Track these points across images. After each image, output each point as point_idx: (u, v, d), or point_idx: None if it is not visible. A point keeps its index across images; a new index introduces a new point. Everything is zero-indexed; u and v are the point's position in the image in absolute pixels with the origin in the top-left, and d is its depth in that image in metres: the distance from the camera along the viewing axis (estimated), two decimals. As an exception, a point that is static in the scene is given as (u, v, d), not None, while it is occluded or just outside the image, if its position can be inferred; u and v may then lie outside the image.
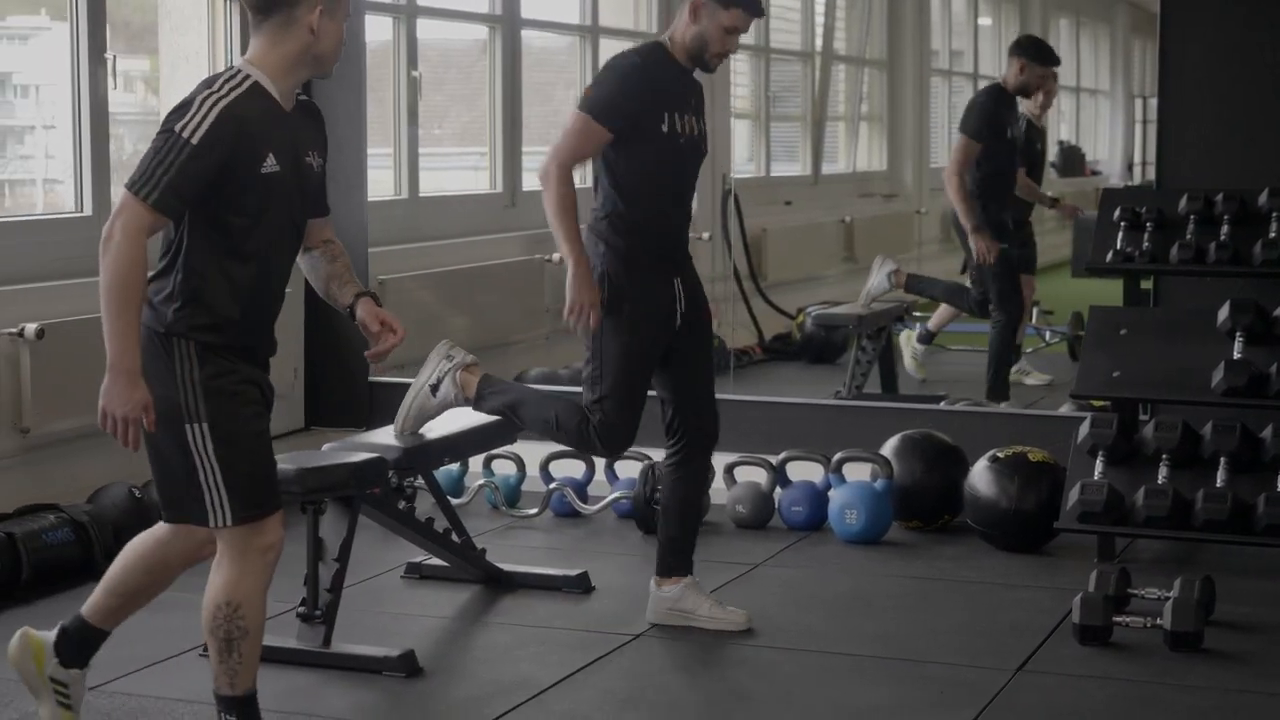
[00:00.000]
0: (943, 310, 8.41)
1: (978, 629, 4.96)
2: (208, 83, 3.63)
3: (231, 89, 3.60)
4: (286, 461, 4.58)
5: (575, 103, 4.80)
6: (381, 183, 7.81)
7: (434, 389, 5.01)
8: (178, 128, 3.53)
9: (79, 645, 3.99)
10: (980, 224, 7.60)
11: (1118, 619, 4.80)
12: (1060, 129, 15.29)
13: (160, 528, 3.88)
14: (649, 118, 4.74)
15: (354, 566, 4.90)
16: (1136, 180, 17.65)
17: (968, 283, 7.90)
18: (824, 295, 11.28)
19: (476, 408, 5.03)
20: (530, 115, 9.37)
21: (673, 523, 4.97)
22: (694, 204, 4.99)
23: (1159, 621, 4.75)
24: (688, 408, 4.90)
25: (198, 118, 3.54)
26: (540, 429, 4.95)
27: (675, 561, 4.99)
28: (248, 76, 3.65)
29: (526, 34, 9.01)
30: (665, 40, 4.85)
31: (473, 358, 5.05)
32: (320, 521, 4.63)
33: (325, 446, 4.95)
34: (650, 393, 4.91)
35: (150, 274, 3.64)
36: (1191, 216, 5.93)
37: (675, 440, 4.92)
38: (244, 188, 3.60)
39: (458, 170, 9.24)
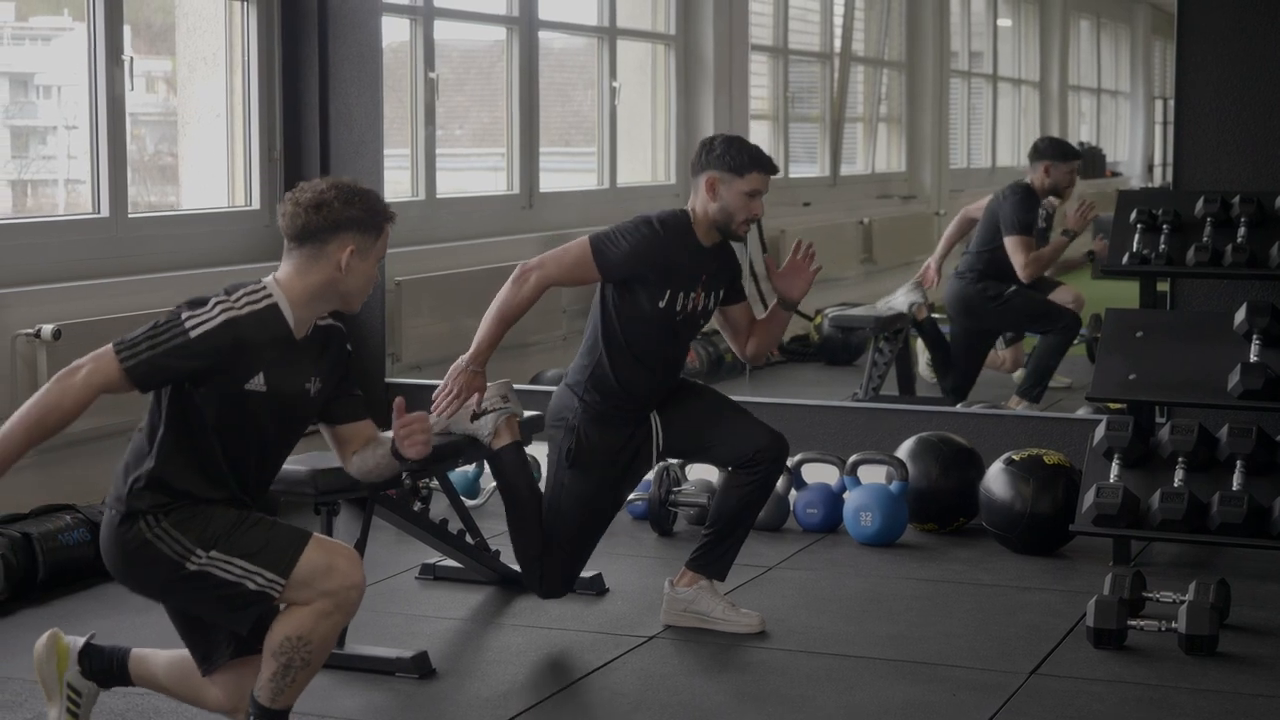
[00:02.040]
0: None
1: (992, 632, 4.96)
2: (230, 289, 3.67)
3: (248, 304, 3.65)
4: (299, 463, 4.59)
5: (589, 233, 4.84)
6: (398, 184, 7.82)
7: (475, 415, 5.01)
8: (184, 316, 3.59)
9: (104, 669, 3.98)
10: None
11: (1132, 622, 4.79)
12: (1081, 130, 15.27)
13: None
14: (649, 291, 4.78)
15: (368, 567, 4.86)
16: (1157, 181, 17.60)
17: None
18: (842, 297, 11.26)
19: (490, 462, 5.06)
20: (550, 116, 9.38)
21: (724, 524, 4.94)
22: (686, 363, 5.07)
23: (1174, 625, 4.74)
24: (741, 441, 4.89)
25: (205, 318, 3.59)
26: (513, 530, 5.00)
27: (713, 566, 4.96)
28: (269, 296, 3.68)
29: (546, 35, 9.02)
30: (690, 211, 4.87)
31: (522, 412, 5.08)
32: (334, 523, 4.63)
33: (338, 448, 4.94)
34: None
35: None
36: (1208, 219, 5.91)
37: (745, 468, 4.92)
38: (222, 397, 3.64)
39: (479, 171, 9.25)
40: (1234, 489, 5.44)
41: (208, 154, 7.04)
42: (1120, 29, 19.61)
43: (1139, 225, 5.98)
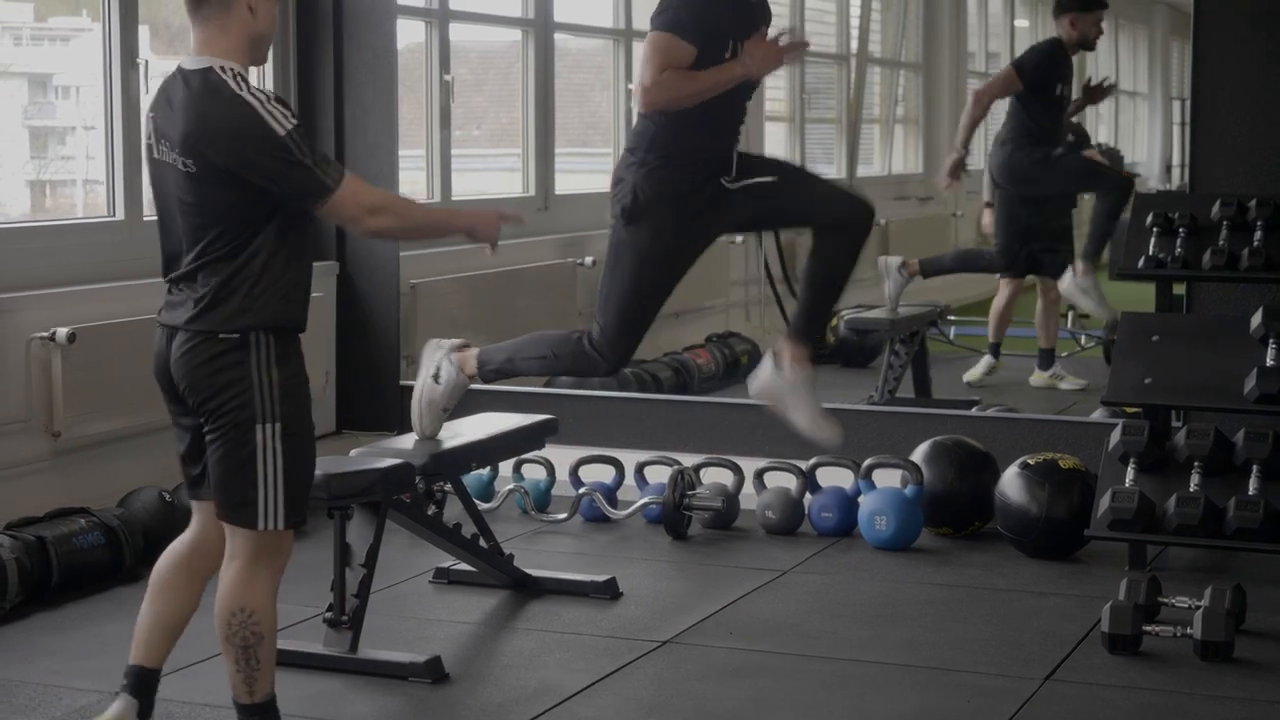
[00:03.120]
0: (994, 321, 8.40)
1: (1006, 637, 4.94)
2: (230, 85, 3.56)
3: (259, 89, 3.61)
4: (313, 467, 4.59)
5: (651, 25, 4.77)
6: (414, 185, 7.82)
7: (435, 377, 5.02)
8: (279, 131, 3.53)
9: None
10: (962, 155, 8.06)
11: (1147, 628, 4.77)
12: (1099, 131, 15.20)
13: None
14: (716, 40, 4.73)
15: (382, 571, 4.91)
16: (1175, 183, 17.58)
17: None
18: (858, 299, 11.24)
19: (484, 379, 5.07)
20: (567, 117, 9.37)
21: (812, 287, 4.90)
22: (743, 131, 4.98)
23: (1189, 631, 4.72)
24: (824, 208, 4.85)
25: (279, 109, 3.56)
26: (542, 368, 4.99)
27: (808, 326, 4.92)
28: (239, 73, 3.62)
29: (562, 36, 9.01)
30: None
31: (462, 339, 5.06)
32: (347, 527, 4.63)
33: (353, 452, 4.96)
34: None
35: (189, 275, 3.66)
36: (1224, 222, 5.88)
37: (831, 231, 4.88)
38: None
39: (496, 172, 9.25)
40: (1250, 493, 5.42)
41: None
42: (1138, 29, 19.57)
43: (1155, 229, 5.95)
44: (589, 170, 9.85)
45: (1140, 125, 15.08)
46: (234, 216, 3.62)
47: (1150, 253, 5.92)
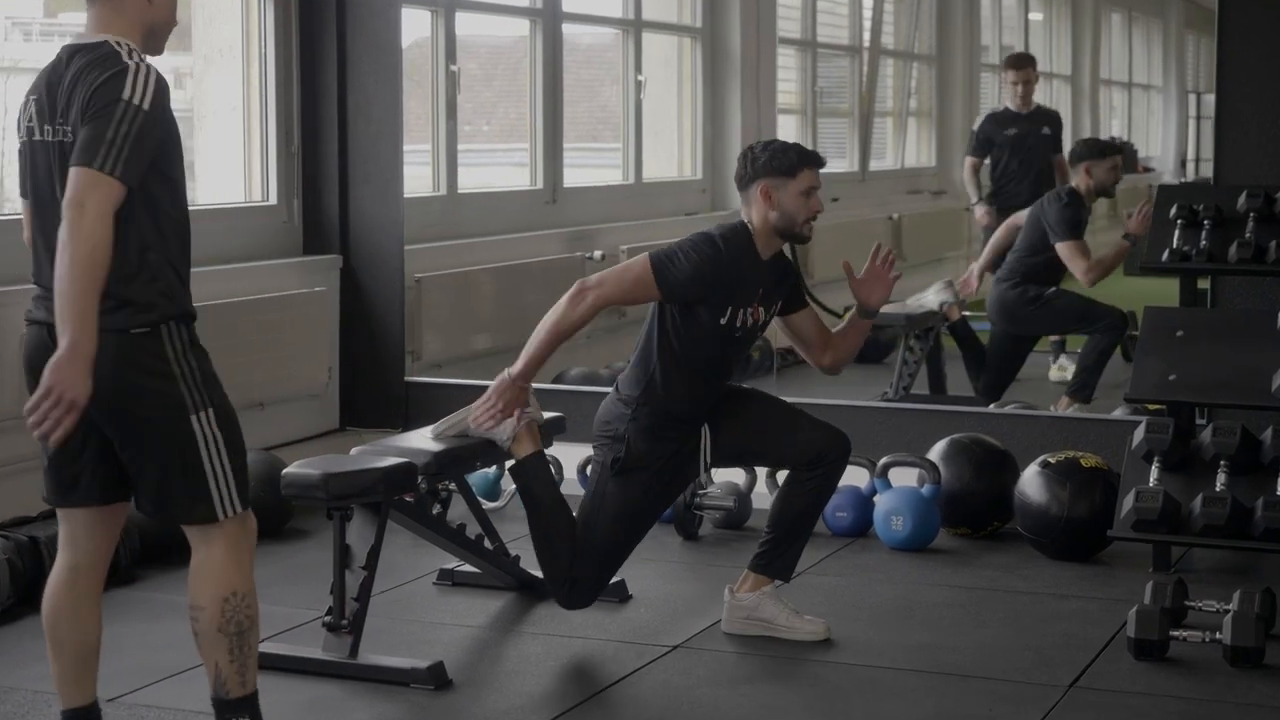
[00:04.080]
0: None
1: (1028, 642, 4.79)
2: (117, 57, 3.41)
3: (153, 74, 3.44)
4: (312, 466, 4.45)
5: (648, 252, 4.67)
6: (420, 179, 7.69)
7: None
8: (125, 93, 3.36)
9: None
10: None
11: (1174, 633, 4.61)
12: (1112, 125, 15.05)
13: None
14: (711, 309, 4.64)
15: (385, 572, 4.77)
16: (1190, 177, 17.45)
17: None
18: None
19: (512, 471, 4.91)
20: (577, 112, 9.24)
21: (787, 525, 4.79)
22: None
23: (1218, 636, 4.56)
24: (802, 445, 4.76)
25: (147, 86, 3.39)
26: (537, 540, 4.83)
27: (777, 566, 4.81)
28: (133, 47, 3.47)
29: (572, 30, 8.87)
30: (748, 223, 4.71)
31: (541, 417, 4.93)
32: (347, 528, 4.49)
33: (354, 450, 4.81)
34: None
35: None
36: (1251, 214, 5.73)
37: (808, 468, 4.79)
38: (172, 151, 3.51)
39: (505, 166, 9.12)
40: (1278, 493, 5.26)
41: (224, 148, 6.89)
42: (1152, 23, 19.43)
43: (1179, 221, 5.80)
44: (598, 165, 9.73)
45: (1154, 119, 14.93)
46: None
47: (1174, 245, 5.76)
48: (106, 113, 3.35)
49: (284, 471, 4.47)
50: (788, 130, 11.10)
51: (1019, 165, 8.66)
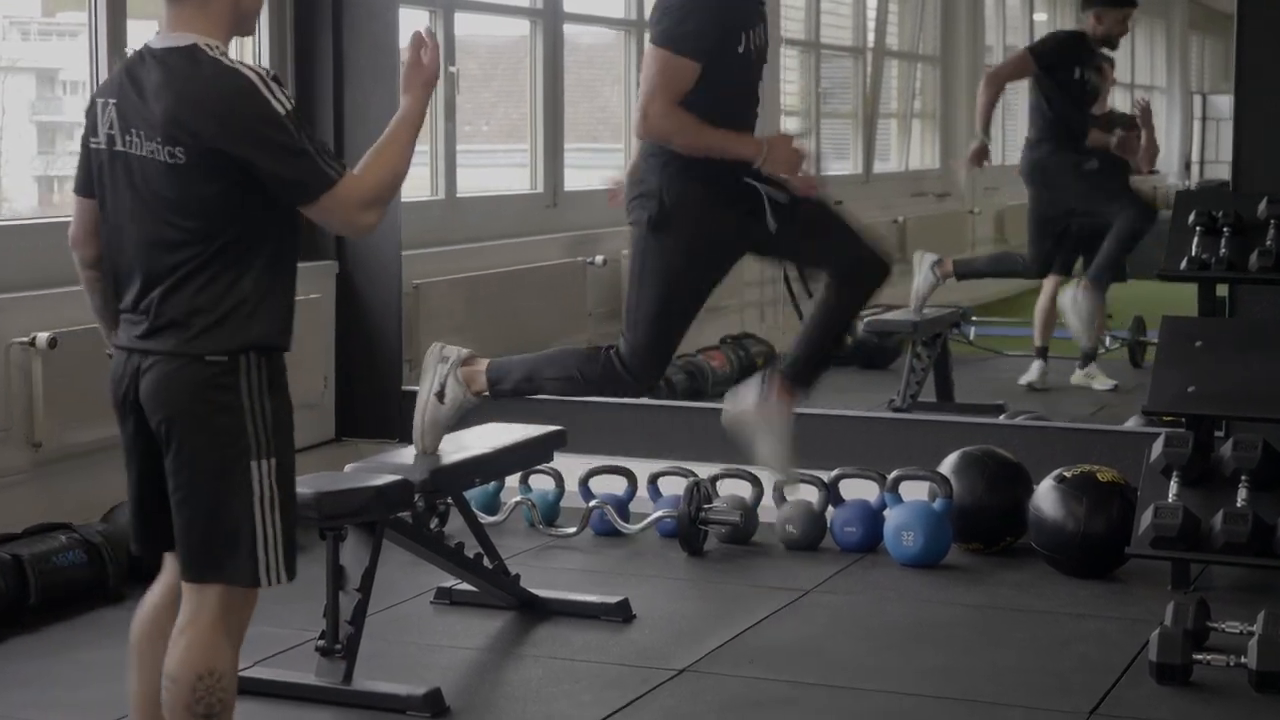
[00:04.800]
0: (1039, 321, 8.12)
1: (1045, 665, 4.63)
2: (229, 69, 3.15)
3: (239, 62, 3.21)
4: (304, 485, 4.28)
5: (650, 36, 4.48)
6: (418, 181, 7.53)
7: (440, 396, 4.71)
8: (278, 109, 3.13)
9: None
10: (984, 141, 7.86)
11: (1197, 656, 4.45)
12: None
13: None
14: (729, 41, 4.44)
15: (381, 590, 4.61)
16: (1195, 179, 17.32)
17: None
18: (877, 298, 10.97)
19: (495, 396, 4.72)
20: (578, 112, 9.08)
21: (815, 329, 4.65)
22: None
23: (1243, 660, 4.40)
24: (841, 258, 4.59)
25: (277, 87, 3.16)
26: (566, 389, 4.66)
27: (804, 368, 4.66)
28: (222, 50, 3.22)
29: (573, 30, 8.71)
30: None
31: (468, 350, 4.75)
32: (341, 548, 4.33)
33: (348, 467, 4.64)
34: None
35: (166, 287, 3.22)
36: (1272, 221, 5.57)
37: (843, 278, 4.63)
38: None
39: (505, 168, 8.96)
40: (1301, 509, 5.11)
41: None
42: (1156, 23, 19.31)
43: (1198, 228, 5.64)
44: (600, 166, 9.58)
45: (1158, 120, 14.72)
46: (223, 215, 3.17)
47: (1193, 253, 5.60)
48: (283, 137, 3.14)
49: (275, 491, 4.30)
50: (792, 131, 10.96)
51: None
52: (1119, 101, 16.34)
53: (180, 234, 3.20)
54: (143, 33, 6.33)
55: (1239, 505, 5.15)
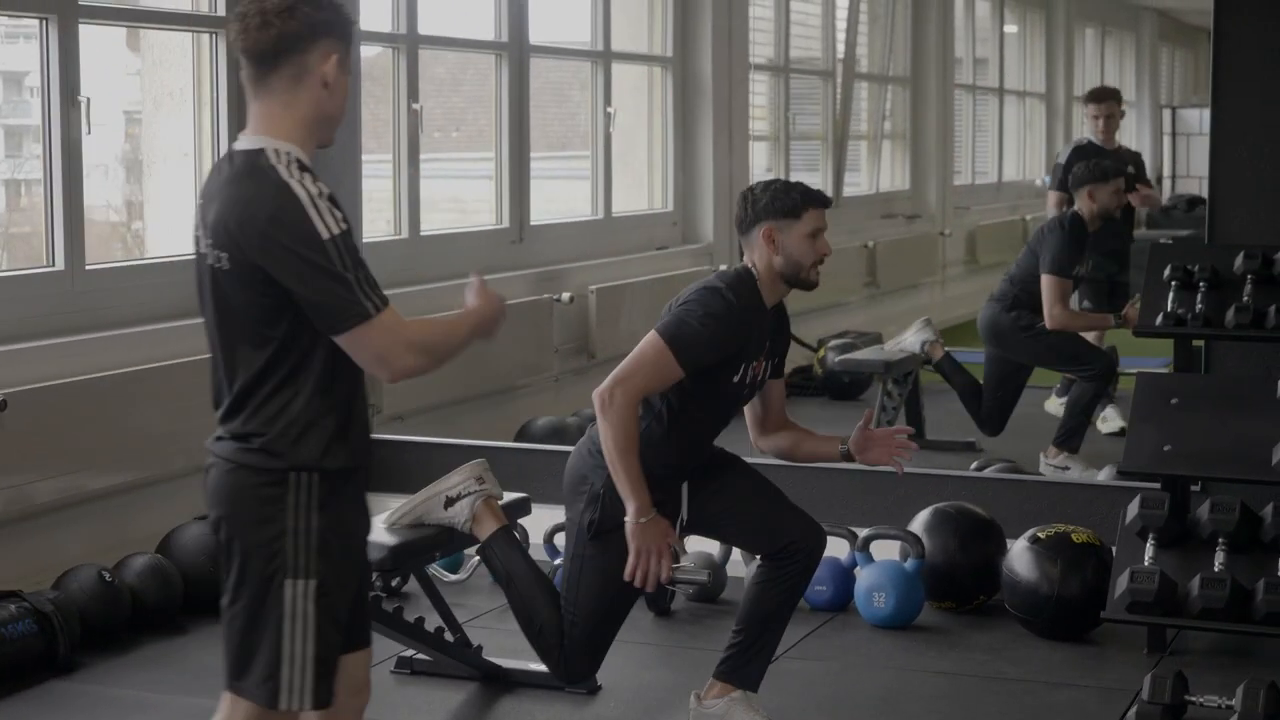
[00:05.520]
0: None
1: (1020, 742, 4.53)
2: (281, 184, 3.01)
3: (305, 171, 3.05)
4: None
5: (656, 326, 4.34)
6: (379, 221, 7.41)
7: (449, 502, 4.59)
8: (321, 232, 2.99)
9: None
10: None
11: (1176, 734, 4.36)
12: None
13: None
14: (725, 370, 4.33)
15: (338, 668, 4.46)
16: (1166, 193, 17.25)
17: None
18: (845, 324, 10.85)
19: (480, 553, 4.63)
20: (546, 118, 8.97)
21: (754, 626, 4.47)
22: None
23: (1222, 739, 4.31)
24: (776, 533, 4.46)
25: (329, 208, 3.02)
26: (520, 618, 4.53)
27: (742, 673, 4.47)
28: (293, 158, 3.06)
29: (540, 62, 8.59)
30: (751, 269, 4.40)
31: (500, 493, 4.65)
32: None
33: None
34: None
35: (233, 399, 3.13)
36: (1248, 276, 5.48)
37: (776, 561, 4.48)
38: None
39: (474, 179, 8.82)
40: (1280, 574, 5.02)
41: (174, 196, 6.59)
42: (1125, 37, 19.25)
43: (1173, 282, 5.54)
44: (565, 175, 9.44)
45: (1127, 135, 14.67)
46: (271, 329, 3.06)
47: (1169, 309, 5.50)
48: (324, 261, 2.99)
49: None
50: (760, 155, 10.85)
51: None
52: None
53: (239, 343, 3.11)
54: (97, 38, 6.19)
55: (1216, 569, 5.05)
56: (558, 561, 5.81)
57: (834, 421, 8.24)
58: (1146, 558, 5.15)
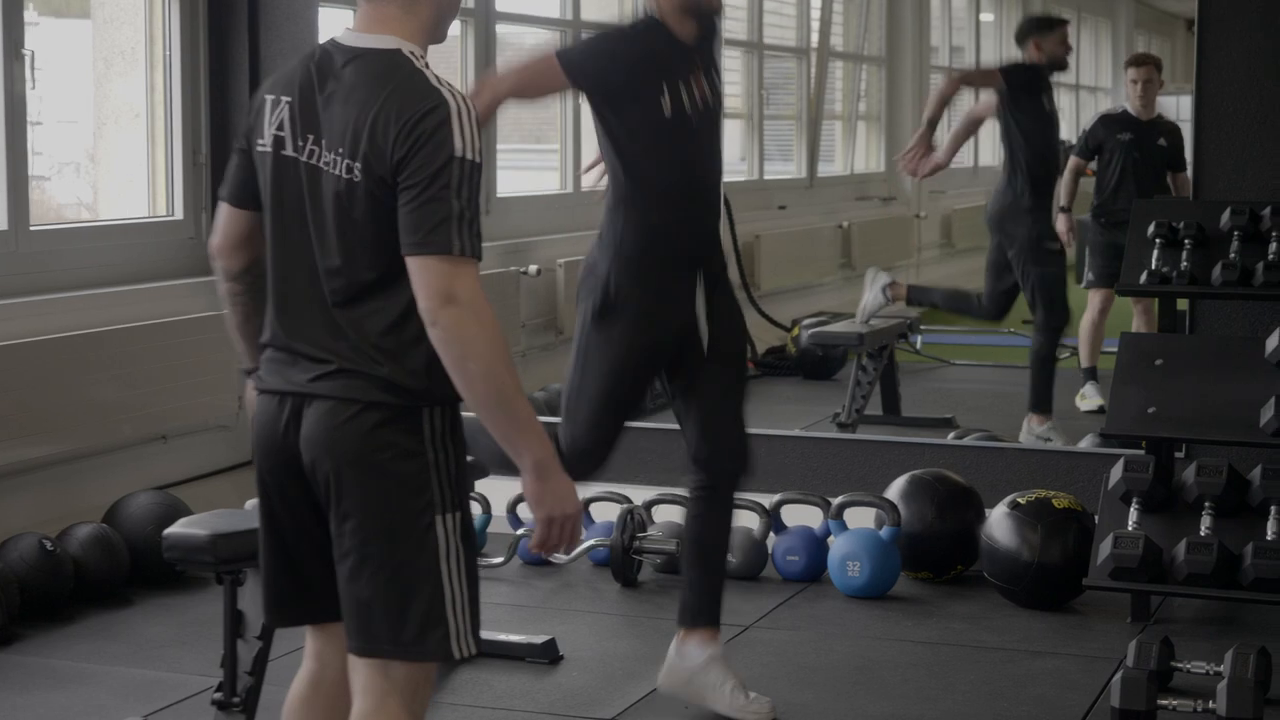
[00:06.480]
0: (1084, 339, 7.71)
1: (1000, 709, 4.34)
2: (428, 86, 2.75)
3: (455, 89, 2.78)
4: (199, 525, 3.95)
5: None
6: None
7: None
8: (456, 148, 2.70)
9: None
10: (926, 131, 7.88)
11: (1162, 701, 4.16)
12: (1060, 129, 14.60)
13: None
14: (648, 97, 4.10)
15: (283, 635, 4.24)
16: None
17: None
18: (820, 305, 10.67)
19: None
20: (518, 112, 8.77)
21: (692, 565, 4.33)
22: (723, 196, 4.35)
23: (1211, 705, 4.11)
24: (706, 438, 4.26)
25: (472, 130, 2.74)
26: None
27: (698, 606, 4.29)
28: (426, 61, 2.81)
29: (507, 29, 8.39)
30: (654, 11, 4.20)
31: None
32: (239, 593, 3.98)
33: (248, 503, 4.30)
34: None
35: (329, 320, 2.82)
36: (1235, 233, 5.29)
37: (695, 473, 4.30)
38: None
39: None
40: (1269, 538, 4.84)
41: (126, 159, 6.37)
42: (1100, 23, 19.08)
43: (1158, 240, 5.35)
44: (538, 167, 9.26)
45: (1105, 121, 14.50)
46: (397, 245, 2.76)
47: (1153, 267, 5.31)
48: (443, 178, 2.70)
49: (166, 533, 3.95)
50: (733, 135, 10.66)
51: (1127, 175, 7.60)
52: (1065, 102, 16.14)
53: (357, 262, 2.79)
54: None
55: (1203, 534, 4.88)
56: (520, 531, 5.62)
57: (807, 402, 8.08)
58: (1130, 523, 4.98)
